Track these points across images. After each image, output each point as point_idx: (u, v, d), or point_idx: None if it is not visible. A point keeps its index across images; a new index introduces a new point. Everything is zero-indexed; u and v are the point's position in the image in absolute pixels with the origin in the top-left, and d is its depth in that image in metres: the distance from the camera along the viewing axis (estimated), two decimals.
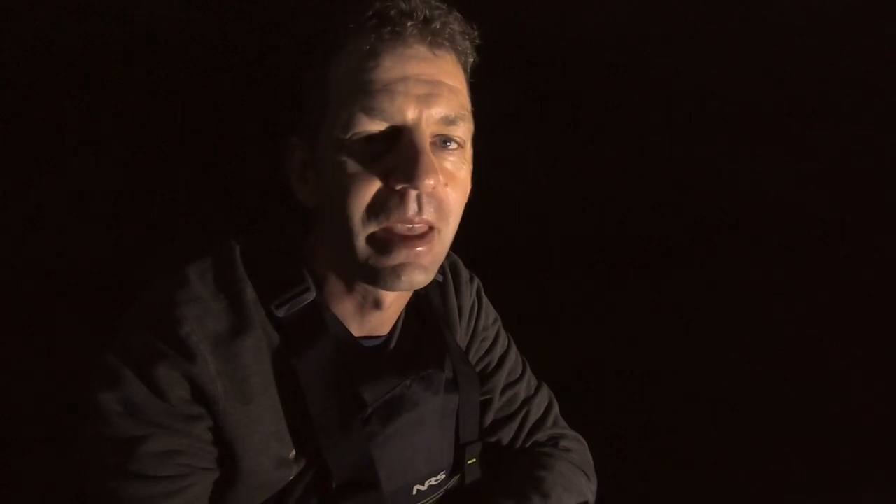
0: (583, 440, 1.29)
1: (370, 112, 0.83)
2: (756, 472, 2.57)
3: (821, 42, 2.61)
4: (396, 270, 0.86)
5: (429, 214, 0.85)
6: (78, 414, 0.86)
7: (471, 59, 0.96)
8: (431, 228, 0.87)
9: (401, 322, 1.07)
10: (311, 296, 0.95)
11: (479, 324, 1.22)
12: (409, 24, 0.85)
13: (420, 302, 1.12)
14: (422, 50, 0.86)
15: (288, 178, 0.98)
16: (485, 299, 1.26)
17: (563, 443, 1.24)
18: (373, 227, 0.85)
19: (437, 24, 0.87)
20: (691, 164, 3.00)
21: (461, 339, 1.18)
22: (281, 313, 0.92)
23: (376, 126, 0.84)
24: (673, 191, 3.03)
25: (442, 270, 1.18)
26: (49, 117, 2.38)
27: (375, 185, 0.84)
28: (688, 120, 2.89)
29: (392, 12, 0.84)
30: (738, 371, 2.87)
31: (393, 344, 1.05)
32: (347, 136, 0.84)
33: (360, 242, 0.86)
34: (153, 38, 2.32)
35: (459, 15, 0.92)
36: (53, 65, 2.33)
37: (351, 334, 0.99)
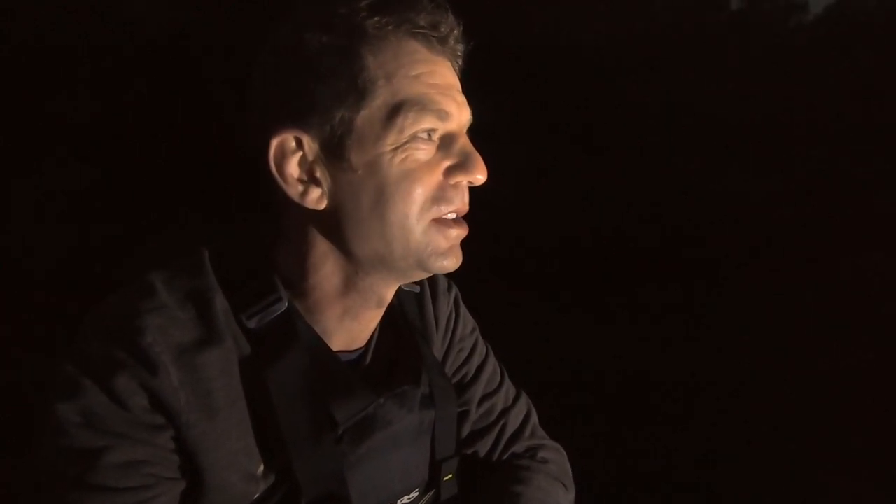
0: (561, 450, 1.27)
1: (440, 114, 0.90)
2: (741, 478, 2.56)
3: (795, 69, 2.67)
4: (448, 252, 0.94)
5: (468, 204, 0.96)
6: (36, 425, 0.85)
7: None
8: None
9: (377, 335, 1.05)
10: (283, 306, 0.92)
11: (457, 334, 1.20)
12: (450, 38, 0.93)
13: (395, 314, 1.09)
14: (451, 63, 0.95)
15: (272, 180, 0.90)
16: (462, 308, 1.24)
17: (540, 454, 1.21)
18: (431, 215, 0.91)
19: (461, 45, 0.96)
20: (669, 178, 3.03)
21: (438, 349, 1.15)
22: (252, 324, 0.90)
23: (438, 127, 0.91)
24: (649, 203, 3.05)
25: (419, 280, 1.15)
26: (28, 117, 2.39)
27: (436, 179, 0.91)
28: (668, 136, 2.92)
29: (442, 28, 0.91)
30: (726, 376, 2.87)
31: (369, 358, 1.03)
32: (411, 134, 0.88)
33: (418, 230, 0.90)
34: (137, 39, 2.33)
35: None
36: (35, 64, 2.34)
37: (326, 346, 0.96)
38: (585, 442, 1.44)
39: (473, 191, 1.03)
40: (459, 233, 0.95)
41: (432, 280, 1.19)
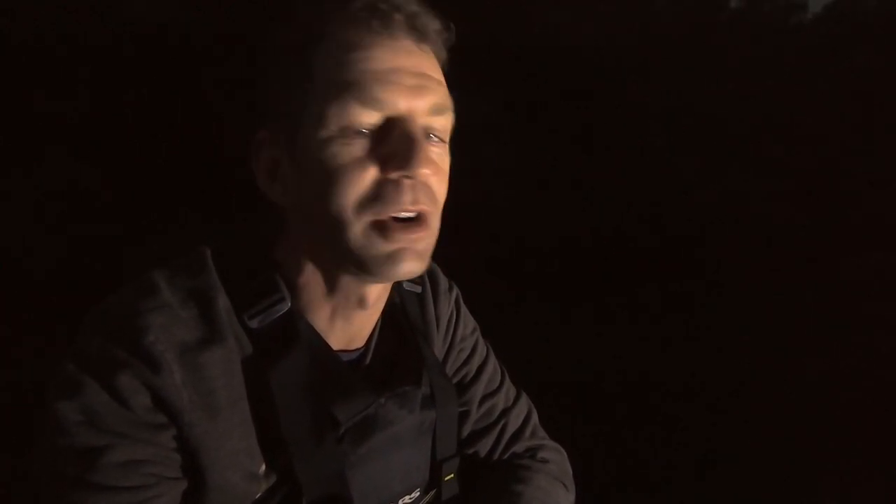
0: (562, 450, 1.27)
1: (365, 102, 0.84)
2: (740, 478, 2.56)
3: (792, 70, 2.70)
4: (394, 256, 0.86)
5: (423, 202, 0.87)
6: (36, 424, 0.84)
7: (443, 57, 0.96)
8: (423, 215, 0.88)
9: (376, 334, 1.05)
10: (286, 306, 0.92)
11: (458, 334, 1.20)
12: (396, 16, 0.86)
13: (397, 313, 1.10)
14: (408, 43, 0.88)
15: (255, 177, 0.94)
16: (463, 308, 1.24)
17: (541, 454, 1.22)
18: (369, 217, 0.85)
19: (422, 20, 0.89)
20: (668, 178, 3.05)
21: (438, 349, 1.16)
22: (254, 324, 0.90)
23: (369, 117, 0.85)
24: (649, 203, 3.07)
25: (421, 280, 1.16)
26: (27, 116, 2.39)
27: (370, 175, 0.85)
28: (666, 136, 2.94)
29: (382, 6, 0.86)
30: (726, 376, 2.87)
31: (369, 357, 1.03)
32: (340, 127, 0.84)
33: (356, 231, 0.86)
34: (137, 38, 2.33)
35: (436, 13, 0.93)
36: (34, 64, 2.34)
37: (327, 346, 0.96)
38: (586, 442, 1.44)
39: (471, 190, 1.02)
40: (408, 237, 0.87)
41: (433, 280, 1.19)
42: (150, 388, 0.82)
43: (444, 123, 0.92)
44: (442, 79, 0.93)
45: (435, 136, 0.91)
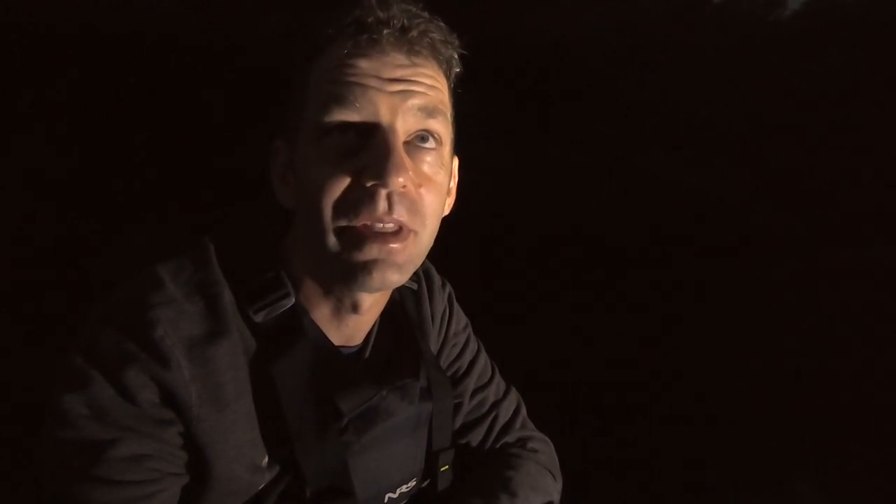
0: (549, 441, 1.32)
1: (342, 102, 0.83)
2: (736, 478, 2.61)
3: (776, 63, 2.74)
4: (368, 267, 0.86)
5: (400, 214, 0.85)
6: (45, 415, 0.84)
7: (455, 69, 0.96)
8: (404, 228, 0.87)
9: (375, 330, 1.07)
10: (291, 301, 0.94)
11: (451, 329, 1.24)
12: (385, 31, 0.85)
13: (395, 309, 1.12)
14: (398, 57, 0.87)
15: (272, 181, 0.99)
16: (456, 305, 1.28)
17: (530, 444, 1.26)
18: (343, 223, 0.86)
19: (415, 33, 0.87)
20: (652, 174, 3.09)
21: (433, 344, 1.19)
22: (259, 318, 0.92)
23: (348, 117, 0.84)
24: (633, 199, 3.11)
25: (416, 278, 1.19)
26: (7, 100, 2.35)
27: (345, 182, 0.84)
28: (650, 132, 2.98)
29: (369, 20, 0.85)
30: (696, 372, 2.93)
31: (368, 352, 1.06)
32: (320, 130, 0.86)
33: (331, 238, 0.86)
34: (126, 25, 2.31)
35: (443, 24, 0.92)
36: (12, 46, 2.30)
37: (329, 341, 0.98)
38: (572, 435, 1.48)
39: (460, 187, 1.04)
40: (384, 248, 0.85)
41: (428, 277, 1.22)
42: (158, 384, 0.83)
43: (437, 127, 0.89)
44: (439, 84, 0.90)
45: (430, 137, 0.89)
